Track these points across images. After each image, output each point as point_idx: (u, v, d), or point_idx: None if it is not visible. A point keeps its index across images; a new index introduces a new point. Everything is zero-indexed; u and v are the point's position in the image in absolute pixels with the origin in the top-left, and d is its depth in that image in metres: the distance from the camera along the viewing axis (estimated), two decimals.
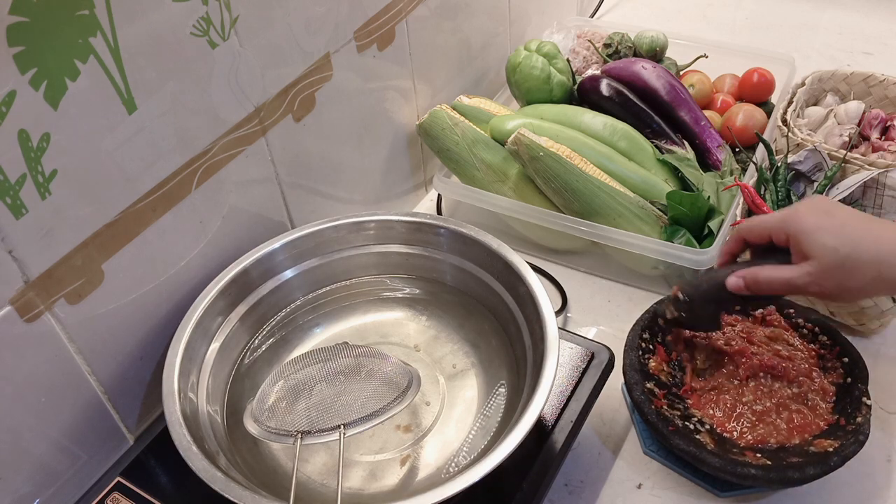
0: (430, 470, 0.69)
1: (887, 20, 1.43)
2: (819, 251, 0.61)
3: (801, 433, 0.72)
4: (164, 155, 0.68)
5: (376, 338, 0.80)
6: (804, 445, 0.71)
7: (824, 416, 0.73)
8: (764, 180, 0.95)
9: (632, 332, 0.79)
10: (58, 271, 0.62)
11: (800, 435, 0.72)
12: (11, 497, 0.65)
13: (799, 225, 0.62)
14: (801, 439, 0.72)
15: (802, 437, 0.72)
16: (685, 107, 1.04)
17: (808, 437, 0.72)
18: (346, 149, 0.92)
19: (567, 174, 0.91)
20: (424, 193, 1.13)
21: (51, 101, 0.56)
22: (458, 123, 1.00)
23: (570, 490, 0.76)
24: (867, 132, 1.02)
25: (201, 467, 0.59)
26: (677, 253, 0.88)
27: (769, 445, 0.71)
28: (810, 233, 0.61)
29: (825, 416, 0.73)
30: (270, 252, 0.78)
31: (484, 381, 0.75)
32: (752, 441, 0.72)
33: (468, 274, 0.80)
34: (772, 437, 0.72)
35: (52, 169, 0.58)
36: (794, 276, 0.63)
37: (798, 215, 0.63)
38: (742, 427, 0.73)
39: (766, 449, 0.71)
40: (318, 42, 0.81)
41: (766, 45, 1.35)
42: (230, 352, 0.76)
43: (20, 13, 0.52)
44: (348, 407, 0.64)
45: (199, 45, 0.67)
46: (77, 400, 0.68)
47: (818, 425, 0.72)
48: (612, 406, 0.83)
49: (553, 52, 1.09)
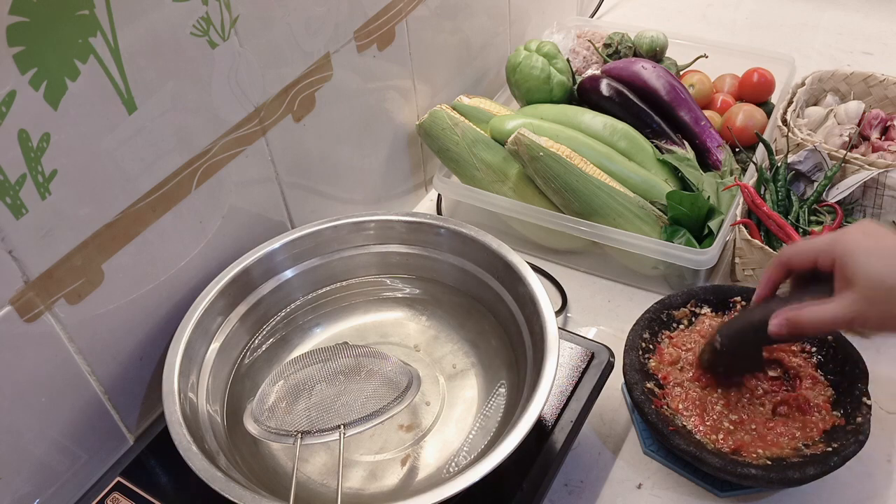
0: (430, 470, 0.69)
1: (887, 20, 1.43)
2: (864, 277, 0.57)
3: (800, 438, 0.72)
4: (164, 155, 0.68)
5: (376, 338, 0.80)
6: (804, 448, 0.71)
7: (825, 419, 0.73)
8: (764, 180, 0.95)
9: (632, 332, 0.79)
10: (58, 271, 0.62)
11: (800, 440, 0.72)
12: (11, 497, 0.65)
13: (846, 246, 0.59)
14: (798, 445, 0.71)
15: (802, 440, 0.72)
16: (685, 107, 1.04)
17: (809, 441, 0.72)
18: (345, 149, 0.92)
19: (567, 174, 0.91)
20: (424, 193, 1.13)
21: (51, 101, 0.56)
22: (458, 123, 1.00)
23: (570, 490, 0.76)
24: (867, 132, 1.02)
25: (201, 467, 0.59)
26: (677, 253, 0.88)
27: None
28: (858, 255, 0.58)
29: (825, 418, 0.73)
30: (270, 252, 0.78)
31: (484, 381, 0.75)
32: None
33: (468, 274, 0.80)
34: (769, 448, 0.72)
35: (52, 169, 0.58)
36: (838, 313, 0.59)
37: (846, 237, 0.60)
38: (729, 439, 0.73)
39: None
40: (318, 42, 0.81)
41: (766, 45, 1.34)
42: (230, 352, 0.76)
43: (20, 13, 0.52)
44: (348, 407, 0.64)
45: (199, 45, 0.67)
46: (77, 400, 0.68)
47: (818, 430, 0.72)
48: (612, 406, 0.83)
49: (553, 52, 1.09)
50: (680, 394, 0.76)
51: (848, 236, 0.60)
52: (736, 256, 0.91)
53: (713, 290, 0.84)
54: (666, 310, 0.82)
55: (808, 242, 0.64)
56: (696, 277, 0.92)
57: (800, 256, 0.64)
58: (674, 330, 0.82)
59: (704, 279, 0.93)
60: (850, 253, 0.59)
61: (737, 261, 0.91)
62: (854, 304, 0.58)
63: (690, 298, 0.83)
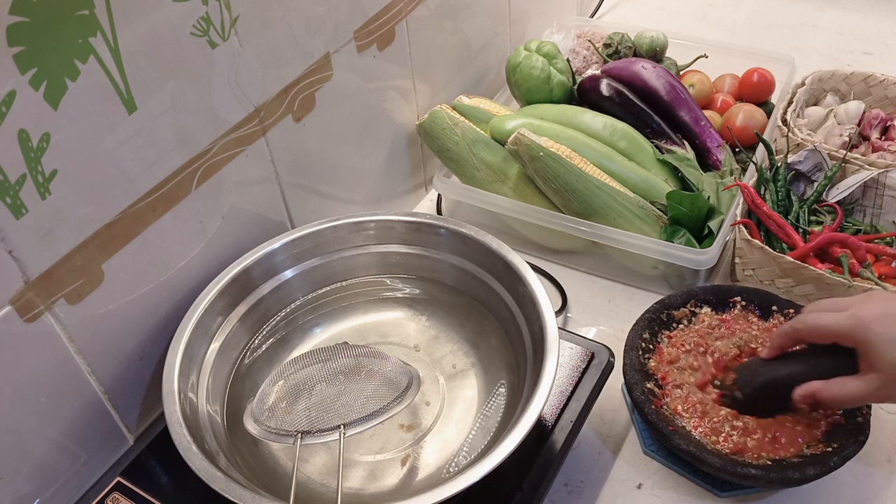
0: (430, 470, 0.69)
1: (887, 20, 1.43)
2: (888, 366, 0.59)
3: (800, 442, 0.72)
4: (164, 155, 0.68)
5: (376, 338, 0.80)
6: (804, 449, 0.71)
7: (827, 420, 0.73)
8: (764, 180, 0.95)
9: (632, 332, 0.79)
10: (58, 271, 0.62)
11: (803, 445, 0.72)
12: (11, 497, 0.65)
13: (868, 337, 0.60)
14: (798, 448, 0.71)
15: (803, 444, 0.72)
16: (685, 107, 1.04)
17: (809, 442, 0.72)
18: (346, 149, 0.92)
19: (567, 174, 0.91)
20: (424, 193, 1.13)
21: (51, 101, 0.56)
22: (458, 123, 1.00)
23: (569, 490, 0.76)
24: (867, 132, 1.02)
25: (201, 467, 0.59)
26: (677, 253, 0.88)
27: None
28: (879, 346, 0.59)
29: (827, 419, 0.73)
30: (270, 252, 0.78)
31: (484, 381, 0.75)
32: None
33: (468, 274, 0.80)
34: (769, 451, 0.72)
35: (52, 169, 0.58)
36: (864, 392, 0.61)
37: (865, 325, 0.60)
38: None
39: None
40: (318, 42, 0.81)
41: (766, 45, 1.35)
42: (230, 352, 0.76)
43: (20, 13, 0.52)
44: (348, 407, 0.64)
45: (199, 45, 0.67)
46: (77, 400, 0.68)
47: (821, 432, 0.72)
48: (612, 406, 0.83)
49: (553, 52, 1.09)
50: (680, 395, 0.76)
51: (866, 325, 0.61)
52: (736, 256, 0.91)
53: (713, 290, 0.84)
54: (666, 310, 0.82)
55: (824, 321, 0.64)
56: (696, 277, 0.92)
57: (817, 334, 0.65)
58: (673, 330, 0.82)
59: (704, 279, 0.93)
60: (871, 344, 0.60)
61: (737, 261, 0.91)
62: (879, 384, 0.61)
63: (690, 298, 0.83)
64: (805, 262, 0.84)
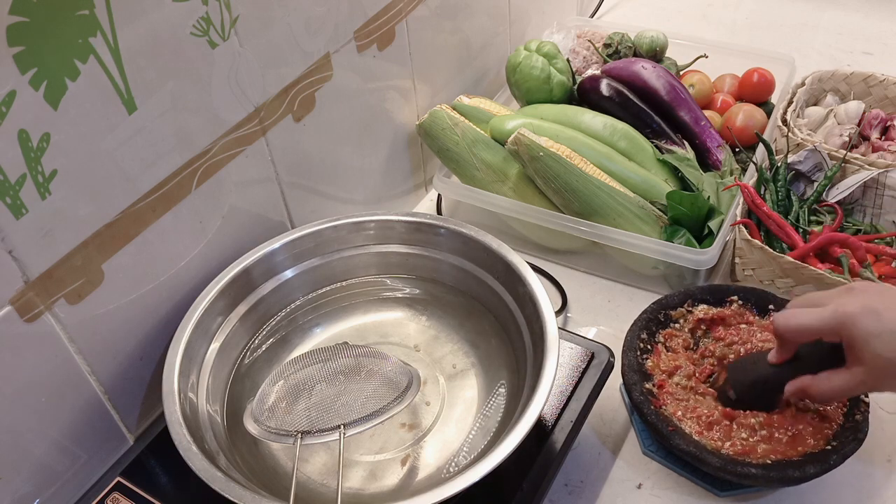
0: (430, 470, 0.69)
1: (887, 20, 1.43)
2: (872, 358, 0.60)
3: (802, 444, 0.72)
4: (164, 155, 0.68)
5: (376, 338, 0.80)
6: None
7: (832, 420, 0.73)
8: (764, 180, 0.95)
9: (630, 333, 0.79)
10: (58, 271, 0.62)
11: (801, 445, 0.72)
12: (11, 497, 0.65)
13: (851, 331, 0.61)
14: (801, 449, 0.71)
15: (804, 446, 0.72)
16: (685, 107, 1.04)
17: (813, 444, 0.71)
18: (345, 149, 0.92)
19: (567, 174, 0.91)
20: (424, 193, 1.13)
21: (51, 101, 0.56)
22: (458, 123, 1.00)
23: (569, 490, 0.76)
24: (867, 132, 1.02)
25: (201, 467, 0.59)
26: (677, 253, 0.88)
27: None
28: (864, 340, 0.60)
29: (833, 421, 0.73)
30: (270, 252, 0.78)
31: (484, 381, 0.75)
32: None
33: (468, 274, 0.80)
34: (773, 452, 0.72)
35: (52, 169, 0.58)
36: (851, 384, 0.63)
37: (851, 319, 0.61)
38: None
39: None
40: (318, 42, 0.81)
41: (766, 45, 1.35)
42: (230, 352, 0.76)
43: (20, 13, 0.53)
44: (348, 407, 0.64)
45: (199, 45, 0.67)
46: (77, 400, 0.68)
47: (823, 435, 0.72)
48: (611, 406, 0.83)
49: (553, 52, 1.09)
50: (677, 395, 0.75)
51: (850, 318, 0.61)
52: (736, 256, 0.92)
53: (710, 289, 0.84)
54: (663, 310, 0.82)
55: (806, 318, 0.64)
56: (696, 277, 0.92)
57: (801, 334, 0.66)
58: (670, 329, 0.82)
59: (704, 279, 0.93)
60: (855, 339, 0.61)
61: (737, 261, 0.91)
62: (864, 377, 0.62)
63: (687, 298, 0.83)
64: (805, 262, 0.84)
